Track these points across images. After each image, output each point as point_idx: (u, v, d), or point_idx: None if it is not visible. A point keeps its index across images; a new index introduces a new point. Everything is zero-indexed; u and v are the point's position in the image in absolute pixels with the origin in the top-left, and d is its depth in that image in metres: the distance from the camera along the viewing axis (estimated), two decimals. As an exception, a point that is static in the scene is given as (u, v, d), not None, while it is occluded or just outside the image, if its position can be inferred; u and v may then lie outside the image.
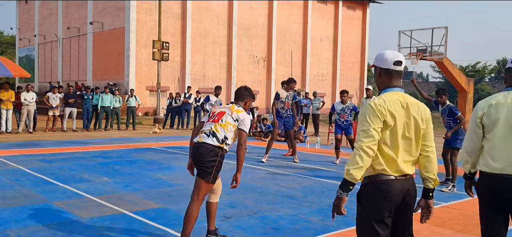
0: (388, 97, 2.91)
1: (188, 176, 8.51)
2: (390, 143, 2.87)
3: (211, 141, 4.40)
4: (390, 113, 2.85)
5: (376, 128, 2.82)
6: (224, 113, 4.54)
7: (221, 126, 4.46)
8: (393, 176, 2.87)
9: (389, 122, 2.85)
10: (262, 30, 35.38)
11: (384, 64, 2.97)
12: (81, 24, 33.37)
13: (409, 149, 2.93)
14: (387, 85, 2.98)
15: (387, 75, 2.98)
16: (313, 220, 5.73)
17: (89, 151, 12.02)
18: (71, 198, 6.56)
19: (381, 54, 3.01)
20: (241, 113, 4.56)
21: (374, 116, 2.84)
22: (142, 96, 28.64)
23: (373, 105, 2.87)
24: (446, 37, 20.72)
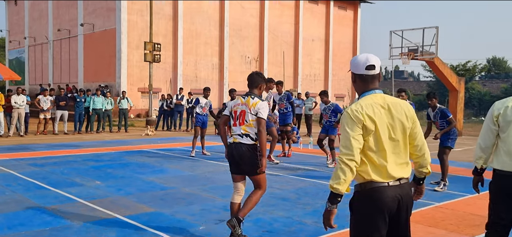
0: (365, 101, 2.81)
1: (181, 179, 8.50)
2: (376, 148, 2.74)
3: (246, 140, 4.85)
4: (368, 117, 2.73)
5: (356, 136, 2.70)
6: (244, 112, 4.88)
7: (247, 126, 4.86)
8: (385, 182, 2.74)
9: (369, 126, 2.72)
10: (253, 31, 35.39)
11: (357, 70, 2.88)
12: (72, 26, 33.15)
13: (399, 151, 2.80)
14: (363, 89, 2.88)
15: (362, 80, 2.88)
16: (307, 222, 5.73)
17: (81, 154, 11.94)
18: (63, 203, 6.51)
19: (354, 59, 2.92)
20: (258, 104, 4.87)
21: (352, 123, 2.73)
22: (134, 98, 28.52)
23: (350, 112, 2.76)
24: (437, 37, 20.81)
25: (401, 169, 2.81)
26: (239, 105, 4.96)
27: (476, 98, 49.54)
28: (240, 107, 4.94)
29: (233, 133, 4.92)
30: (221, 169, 9.85)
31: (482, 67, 54.58)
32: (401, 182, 2.79)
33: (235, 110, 4.96)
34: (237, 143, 4.85)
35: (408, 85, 66.65)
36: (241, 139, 4.84)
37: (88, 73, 31.95)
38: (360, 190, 2.81)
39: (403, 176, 2.81)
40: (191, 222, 5.63)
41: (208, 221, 5.68)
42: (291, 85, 36.89)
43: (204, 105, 11.87)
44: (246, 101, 4.93)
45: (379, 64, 2.86)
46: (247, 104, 4.90)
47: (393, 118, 2.79)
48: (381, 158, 2.75)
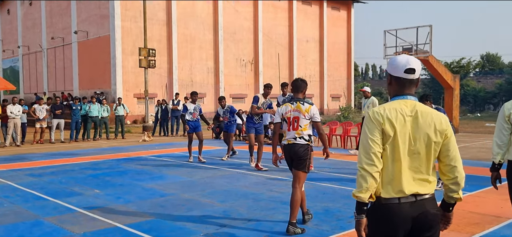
0: (391, 105, 2.58)
1: (180, 185, 8.49)
2: (391, 158, 2.50)
3: (299, 141, 5.43)
4: (388, 121, 2.50)
5: (375, 139, 2.50)
6: (298, 118, 5.47)
7: (302, 130, 5.46)
8: (395, 199, 2.47)
9: (388, 131, 2.49)
10: (248, 34, 35.43)
11: (395, 71, 2.62)
12: (66, 34, 33.08)
13: (418, 165, 2.52)
14: (396, 93, 2.64)
15: (398, 84, 2.63)
16: (308, 225, 5.73)
17: (78, 163, 11.90)
18: (63, 213, 6.48)
19: (393, 60, 2.67)
20: (311, 109, 5.50)
21: (372, 126, 2.53)
22: (130, 104, 28.47)
23: (371, 113, 2.58)
24: (430, 35, 20.90)
25: (419, 185, 2.51)
26: (290, 111, 5.51)
27: (471, 95, 49.73)
28: (292, 114, 5.50)
29: (287, 136, 5.53)
30: (219, 174, 9.85)
31: (476, 63, 54.84)
32: (418, 199, 2.50)
33: (288, 116, 5.51)
34: (291, 144, 5.46)
35: (403, 84, 66.72)
36: (295, 141, 5.44)
37: (83, 81, 31.88)
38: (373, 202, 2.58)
39: (420, 192, 2.51)
40: (191, 229, 5.62)
41: (209, 227, 5.67)
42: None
43: (193, 110, 11.50)
44: (297, 107, 5.50)
45: (419, 69, 2.63)
46: (299, 110, 5.47)
47: (418, 128, 2.52)
48: (394, 169, 2.51)
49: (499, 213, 6.23)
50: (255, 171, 10.14)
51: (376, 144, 2.51)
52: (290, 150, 5.46)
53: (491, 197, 7.15)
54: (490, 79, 59.07)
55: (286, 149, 5.52)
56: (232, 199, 7.29)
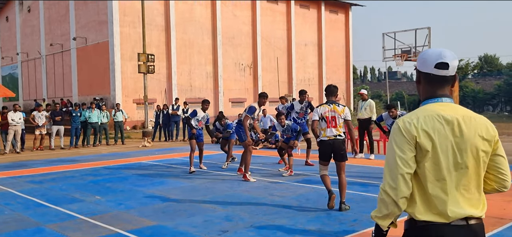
0: (424, 111, 2.16)
1: (181, 190, 8.47)
2: (433, 177, 2.08)
3: (340, 137, 6.59)
4: (424, 134, 2.08)
5: (404, 157, 2.07)
6: (335, 117, 6.57)
7: (339, 127, 6.58)
8: (443, 221, 2.07)
9: (424, 146, 2.07)
10: (246, 38, 35.47)
11: (424, 67, 2.21)
12: (64, 40, 33.09)
13: (467, 182, 2.10)
14: (428, 95, 2.22)
15: (428, 82, 2.21)
16: (311, 229, 5.71)
17: (79, 169, 11.87)
18: (64, 220, 6.46)
19: (423, 53, 2.26)
20: (345, 110, 6.69)
21: (401, 140, 2.10)
22: (129, 109, 28.45)
23: (401, 124, 2.14)
24: (429, 37, 20.98)
25: (470, 206, 2.09)
26: (328, 112, 6.60)
27: (470, 96, 49.81)
28: (330, 113, 6.59)
29: (327, 133, 6.57)
30: (220, 179, 9.83)
31: (474, 65, 54.92)
32: (470, 222, 2.08)
33: (327, 116, 6.58)
34: (333, 140, 6.54)
35: (402, 86, 66.96)
36: (337, 137, 6.55)
37: (82, 87, 31.87)
38: (409, 228, 2.18)
39: (473, 215, 2.08)
40: (194, 234, 5.60)
41: (211, 232, 5.65)
42: (286, 90, 36.96)
43: (201, 118, 10.90)
44: (333, 108, 6.62)
45: (455, 64, 2.19)
46: (336, 111, 6.60)
47: (462, 138, 2.10)
48: (439, 191, 2.08)
49: (503, 215, 6.21)
50: (256, 176, 10.11)
51: (406, 164, 2.07)
52: (333, 145, 6.55)
53: (494, 199, 7.14)
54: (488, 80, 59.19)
55: (327, 143, 6.57)
56: (234, 204, 7.27)
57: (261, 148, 15.96)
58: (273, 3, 37.16)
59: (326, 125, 6.56)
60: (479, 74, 64.94)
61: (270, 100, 35.42)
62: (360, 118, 12.97)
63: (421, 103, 2.24)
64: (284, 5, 37.95)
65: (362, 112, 12.89)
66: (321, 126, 6.61)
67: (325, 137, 6.55)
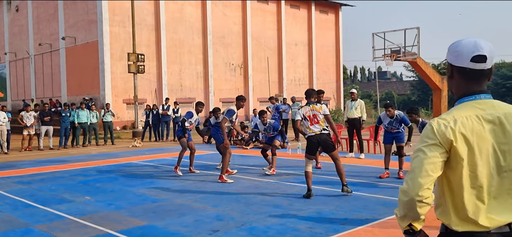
0: (461, 111, 1.95)
1: (172, 190, 8.44)
2: (470, 184, 1.90)
3: (324, 131, 7.49)
4: (462, 137, 1.89)
5: (434, 162, 1.89)
6: (316, 115, 7.47)
7: (321, 122, 7.49)
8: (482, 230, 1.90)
9: (461, 151, 1.88)
10: (237, 38, 35.43)
11: (458, 60, 1.99)
12: (53, 40, 32.79)
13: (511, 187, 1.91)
14: (463, 92, 2.01)
15: (463, 77, 2.00)
16: (301, 228, 5.72)
17: (68, 169, 11.78)
18: (53, 221, 6.40)
19: (455, 45, 2.03)
20: (322, 107, 7.63)
21: (433, 141, 1.91)
22: (119, 109, 28.29)
23: (435, 125, 1.94)
24: (418, 37, 21.11)
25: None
26: (309, 111, 7.51)
27: (458, 96, 50.21)
28: (311, 112, 7.49)
29: (312, 130, 7.44)
30: (211, 179, 9.81)
31: (463, 65, 55.34)
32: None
33: (308, 115, 7.48)
34: (318, 134, 7.43)
35: (392, 86, 67.36)
36: (322, 131, 7.45)
37: (72, 87, 31.62)
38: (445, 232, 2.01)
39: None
40: (184, 234, 5.59)
41: (202, 232, 5.64)
42: (276, 90, 37.00)
43: (194, 121, 10.66)
44: (312, 107, 7.54)
45: (493, 55, 1.97)
46: (314, 109, 7.51)
47: (505, 138, 1.91)
48: (475, 200, 1.90)
49: None
50: (246, 175, 10.12)
51: (434, 169, 1.89)
52: (319, 139, 7.42)
53: None
54: (477, 80, 59.72)
55: (314, 138, 7.41)
56: (225, 203, 7.26)
57: (252, 148, 15.95)
58: (264, 3, 37.18)
59: (309, 123, 7.45)
60: (468, 74, 65.49)
61: (261, 100, 35.51)
62: (349, 117, 12.96)
63: (457, 102, 2.03)
64: (275, 5, 37.98)
65: (352, 112, 12.88)
66: (305, 125, 7.50)
67: (312, 133, 7.43)
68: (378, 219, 6.06)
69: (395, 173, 9.41)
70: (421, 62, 20.86)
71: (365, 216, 6.23)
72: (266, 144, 10.73)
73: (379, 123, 9.58)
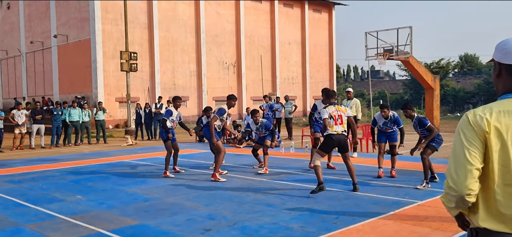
0: (499, 105, 1.95)
1: (163, 189, 8.41)
2: (502, 181, 1.88)
3: (344, 133, 7.71)
4: (496, 131, 1.88)
5: (473, 151, 1.89)
6: (341, 116, 7.67)
7: (345, 124, 7.71)
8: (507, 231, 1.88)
9: (493, 144, 1.88)
10: (230, 36, 35.39)
11: (506, 58, 1.99)
12: (45, 38, 32.57)
13: None
14: (507, 89, 2.01)
15: (509, 74, 2.00)
16: (293, 227, 5.72)
17: (60, 168, 11.70)
18: (43, 220, 6.35)
19: (503, 43, 2.04)
20: (347, 110, 7.91)
21: (470, 132, 1.92)
22: (111, 108, 28.16)
23: (471, 117, 1.95)
24: (411, 36, 21.17)
25: None
26: (335, 111, 7.67)
27: (451, 95, 50.54)
28: (336, 113, 7.66)
29: (334, 129, 7.57)
30: (204, 178, 9.78)
31: (455, 64, 55.78)
32: None
33: (334, 115, 7.62)
34: (339, 134, 7.60)
35: (385, 85, 67.62)
36: (342, 132, 7.62)
37: (64, 85, 31.42)
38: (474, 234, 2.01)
39: None
40: (176, 233, 5.56)
41: (194, 231, 5.62)
42: (270, 88, 37.00)
43: (175, 118, 10.22)
44: (337, 108, 7.76)
45: None
46: (340, 110, 7.72)
47: None
48: (508, 197, 1.87)
49: None
50: (239, 174, 10.11)
51: (475, 159, 1.89)
52: (340, 139, 7.60)
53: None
54: (468, 79, 60.15)
55: (334, 137, 7.57)
56: (217, 202, 7.25)
57: (245, 147, 15.94)
58: (257, 1, 37.15)
59: (334, 123, 7.57)
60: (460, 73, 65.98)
61: (254, 99, 35.49)
62: None
63: (499, 98, 2.03)
64: (268, 4, 37.98)
65: (348, 111, 12.85)
66: (330, 123, 7.58)
67: (334, 132, 7.56)
68: (370, 218, 6.07)
69: (387, 171, 9.44)
70: (413, 61, 20.94)
71: (357, 214, 6.24)
72: (257, 144, 10.74)
73: (374, 125, 9.52)
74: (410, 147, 8.89)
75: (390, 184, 8.48)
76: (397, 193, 7.64)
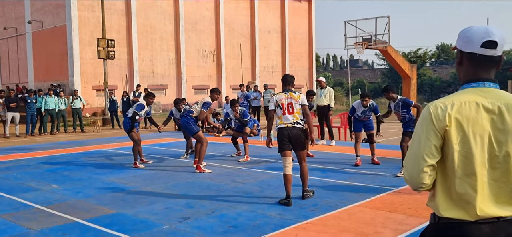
0: (460, 97, 1.93)
1: (142, 178, 8.35)
2: (463, 171, 1.88)
3: (298, 125, 6.32)
4: (456, 122, 1.88)
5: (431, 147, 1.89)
6: (292, 104, 6.36)
7: (297, 113, 6.34)
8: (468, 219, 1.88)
9: (453, 136, 1.87)
10: (209, 24, 35.13)
11: (468, 46, 1.97)
12: (19, 24, 31.77)
13: (505, 179, 1.88)
14: (469, 78, 1.99)
15: (472, 63, 1.98)
16: (271, 214, 5.76)
17: (35, 157, 11.50)
18: (18, 209, 6.25)
19: (465, 31, 2.01)
20: (301, 96, 6.44)
21: (429, 127, 1.91)
22: (89, 96, 27.74)
23: (432, 108, 1.93)
24: (389, 26, 21.40)
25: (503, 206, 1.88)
26: (284, 99, 6.41)
27: (427, 84, 51.33)
28: (286, 101, 6.39)
29: (284, 121, 6.34)
30: (182, 166, 9.75)
31: (432, 53, 56.60)
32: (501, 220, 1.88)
33: (282, 103, 6.38)
34: (291, 127, 6.30)
35: (363, 74, 68.23)
36: (295, 124, 6.30)
37: (39, 73, 30.77)
38: (433, 222, 1.99)
39: (507, 215, 1.88)
40: (154, 221, 5.54)
41: (172, 219, 5.60)
42: (249, 77, 36.95)
43: (143, 114, 10.05)
44: (290, 95, 6.42)
45: (503, 43, 1.96)
46: (292, 98, 6.39)
47: (504, 129, 1.87)
48: (467, 187, 1.88)
49: None
50: (218, 163, 10.10)
51: (430, 155, 1.89)
52: (290, 133, 6.29)
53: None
54: (445, 68, 61.14)
55: (284, 131, 6.31)
56: (196, 191, 7.24)
57: (224, 136, 15.92)
58: (237, -11, 36.93)
59: (281, 113, 6.37)
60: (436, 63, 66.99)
61: (233, 87, 35.39)
62: (319, 105, 13.10)
63: (461, 87, 2.01)
64: (248, -8, 37.79)
65: (322, 99, 13.02)
66: (278, 114, 6.42)
67: (282, 124, 6.34)
68: (347, 205, 6.15)
69: (367, 159, 9.56)
70: (391, 51, 21.18)
71: (335, 202, 6.32)
72: (236, 132, 10.80)
73: (352, 113, 9.58)
74: (388, 136, 9.02)
75: (367, 172, 8.59)
76: (373, 181, 7.76)
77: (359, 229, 5.10)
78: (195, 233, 5.08)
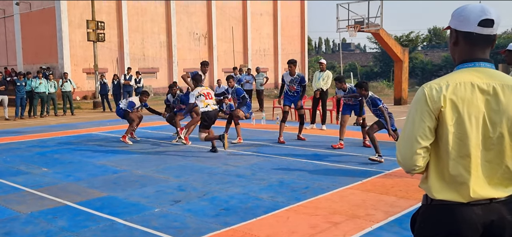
0: (456, 77, 1.90)
1: (133, 161, 8.32)
2: (457, 153, 1.85)
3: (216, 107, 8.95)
4: (451, 103, 1.84)
5: (425, 128, 1.86)
6: (209, 93, 8.86)
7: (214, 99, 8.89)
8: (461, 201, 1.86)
9: (448, 118, 1.84)
10: (201, 7, 34.80)
11: (464, 25, 1.92)
12: (6, 5, 31.23)
13: (499, 161, 1.87)
14: (464, 58, 1.95)
15: (468, 42, 1.93)
16: (263, 197, 5.76)
17: (25, 140, 11.39)
18: (8, 193, 6.19)
19: (460, 9, 1.95)
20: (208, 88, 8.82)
21: (423, 107, 1.88)
22: (79, 79, 27.47)
23: (427, 90, 1.89)
24: (381, 9, 21.30)
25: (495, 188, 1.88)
26: (204, 90, 8.80)
27: (419, 68, 51.46)
28: (206, 90, 8.81)
29: (207, 103, 8.69)
30: (173, 150, 9.72)
31: (424, 37, 56.65)
32: (493, 202, 1.87)
33: (204, 93, 8.73)
34: (212, 110, 8.75)
35: (355, 57, 68.21)
36: (213, 107, 8.79)
37: (28, 55, 30.37)
38: (426, 204, 1.97)
39: (497, 196, 1.87)
40: (145, 204, 5.52)
41: (163, 202, 5.59)
42: (241, 60, 36.79)
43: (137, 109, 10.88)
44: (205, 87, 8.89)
45: (499, 21, 1.91)
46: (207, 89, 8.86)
47: (498, 110, 1.85)
48: (461, 169, 1.86)
49: None
50: (210, 145, 10.07)
51: (424, 137, 1.87)
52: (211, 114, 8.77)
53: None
54: (436, 52, 61.28)
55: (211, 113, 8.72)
56: (187, 173, 7.22)
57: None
58: (228, -29, 36.54)
59: (204, 98, 8.64)
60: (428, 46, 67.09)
61: (225, 71, 35.21)
62: (318, 88, 12.62)
63: (456, 68, 1.96)
64: (239, -26, 37.42)
65: (320, 82, 12.58)
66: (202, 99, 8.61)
67: (209, 107, 8.65)
68: (339, 187, 6.17)
69: (354, 142, 9.58)
70: (383, 34, 21.13)
71: (326, 184, 6.33)
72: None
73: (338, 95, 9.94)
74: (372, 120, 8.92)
75: (359, 154, 8.62)
76: (365, 164, 7.78)
77: (351, 211, 5.12)
78: (187, 216, 5.06)
